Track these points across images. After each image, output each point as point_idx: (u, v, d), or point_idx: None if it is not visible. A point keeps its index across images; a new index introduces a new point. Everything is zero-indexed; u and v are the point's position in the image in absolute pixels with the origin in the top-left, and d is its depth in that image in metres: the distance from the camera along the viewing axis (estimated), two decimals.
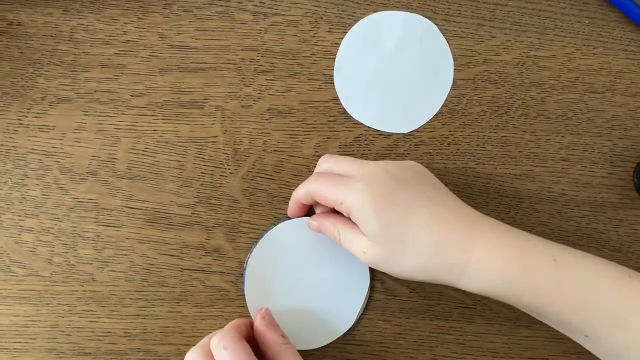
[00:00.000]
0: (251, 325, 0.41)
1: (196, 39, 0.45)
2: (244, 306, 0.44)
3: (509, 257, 0.35)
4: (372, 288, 0.45)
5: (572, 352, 0.45)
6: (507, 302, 0.36)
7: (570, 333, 0.36)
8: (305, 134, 0.45)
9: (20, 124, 0.44)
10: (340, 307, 0.44)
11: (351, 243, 0.39)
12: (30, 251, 0.44)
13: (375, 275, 0.45)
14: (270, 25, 0.45)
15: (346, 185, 0.38)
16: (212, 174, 0.45)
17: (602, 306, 0.34)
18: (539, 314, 0.36)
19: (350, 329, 0.44)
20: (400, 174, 0.38)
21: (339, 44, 0.45)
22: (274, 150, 0.45)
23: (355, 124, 0.45)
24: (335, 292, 0.44)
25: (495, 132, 0.46)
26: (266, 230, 0.44)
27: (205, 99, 0.45)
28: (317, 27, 0.45)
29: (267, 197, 0.45)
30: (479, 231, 0.36)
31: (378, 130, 0.45)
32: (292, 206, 0.42)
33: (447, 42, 0.46)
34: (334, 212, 0.41)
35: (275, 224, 0.44)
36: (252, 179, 0.45)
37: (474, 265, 0.35)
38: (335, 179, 0.39)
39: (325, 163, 0.41)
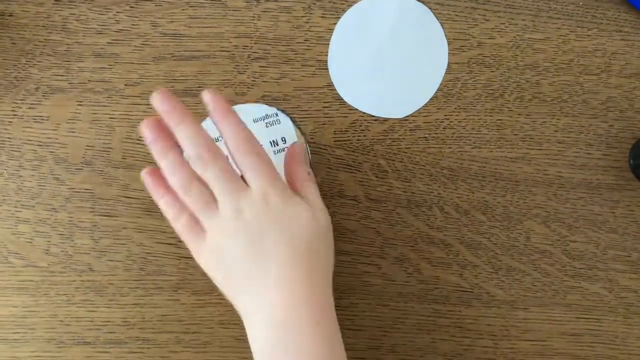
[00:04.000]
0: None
1: (189, 27, 0.45)
2: None
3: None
4: (369, 273, 0.45)
5: (569, 334, 0.45)
6: None
7: None
8: (300, 121, 0.45)
9: (15, 115, 0.44)
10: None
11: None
12: (28, 242, 0.44)
13: (372, 260, 0.45)
14: (263, 11, 0.45)
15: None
16: None
17: None
18: None
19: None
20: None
21: (333, 29, 0.45)
22: None
23: (350, 109, 0.45)
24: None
25: (490, 116, 0.46)
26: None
27: (199, 87, 0.45)
28: (311, 13, 0.45)
29: None
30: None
31: (373, 116, 0.45)
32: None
33: (442, 26, 0.45)
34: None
35: None
36: None
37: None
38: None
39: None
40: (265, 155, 0.37)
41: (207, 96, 0.36)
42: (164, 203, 0.37)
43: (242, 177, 0.37)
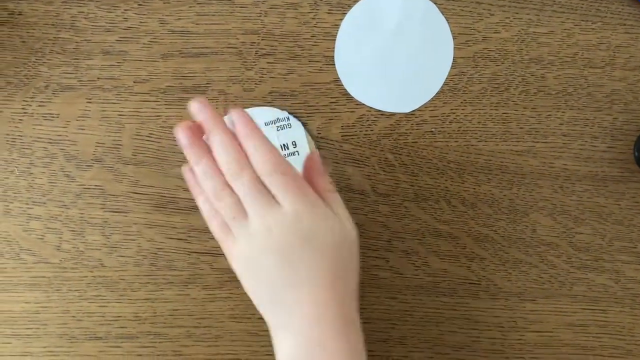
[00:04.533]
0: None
1: (197, 24, 0.45)
2: None
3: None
4: (377, 266, 0.45)
5: (576, 325, 0.46)
6: None
7: None
8: (307, 116, 0.45)
9: (25, 112, 0.45)
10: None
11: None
12: (39, 239, 0.44)
13: (380, 254, 0.45)
14: (270, 8, 0.45)
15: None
16: None
17: None
18: None
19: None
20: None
21: (339, 25, 0.46)
22: None
23: (357, 104, 0.46)
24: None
25: (496, 109, 0.46)
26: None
27: (207, 84, 0.45)
28: (317, 9, 0.45)
29: None
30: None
31: (380, 111, 0.46)
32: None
33: (447, 21, 0.46)
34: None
35: None
36: None
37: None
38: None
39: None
40: (292, 169, 0.36)
41: (233, 115, 0.37)
42: (201, 201, 0.38)
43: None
